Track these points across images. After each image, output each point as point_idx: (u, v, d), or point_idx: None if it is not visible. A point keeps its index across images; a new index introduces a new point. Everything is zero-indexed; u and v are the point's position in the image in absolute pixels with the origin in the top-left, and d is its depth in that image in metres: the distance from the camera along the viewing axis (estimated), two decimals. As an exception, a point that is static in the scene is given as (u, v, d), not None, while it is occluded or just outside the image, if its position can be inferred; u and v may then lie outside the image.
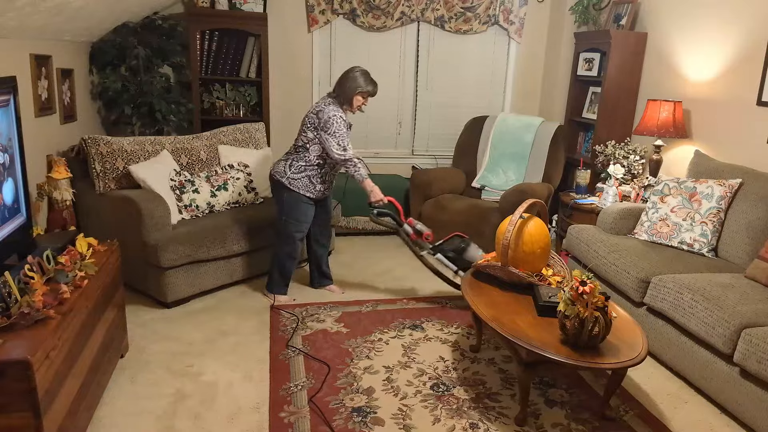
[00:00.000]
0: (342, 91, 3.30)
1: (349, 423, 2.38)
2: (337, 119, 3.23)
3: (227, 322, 3.23)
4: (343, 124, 3.25)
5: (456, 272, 3.36)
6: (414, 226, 3.41)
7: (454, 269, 3.36)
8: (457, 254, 3.34)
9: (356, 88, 3.27)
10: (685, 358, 2.73)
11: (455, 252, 3.34)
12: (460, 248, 3.34)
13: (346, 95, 3.29)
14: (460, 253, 3.33)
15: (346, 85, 3.28)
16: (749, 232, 3.11)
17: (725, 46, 3.68)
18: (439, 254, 3.37)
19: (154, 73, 4.40)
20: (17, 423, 1.71)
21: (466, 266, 3.27)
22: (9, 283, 1.87)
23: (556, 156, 4.56)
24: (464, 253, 3.33)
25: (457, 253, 3.34)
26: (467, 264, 3.26)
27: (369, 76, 3.32)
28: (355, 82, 3.27)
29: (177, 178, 3.63)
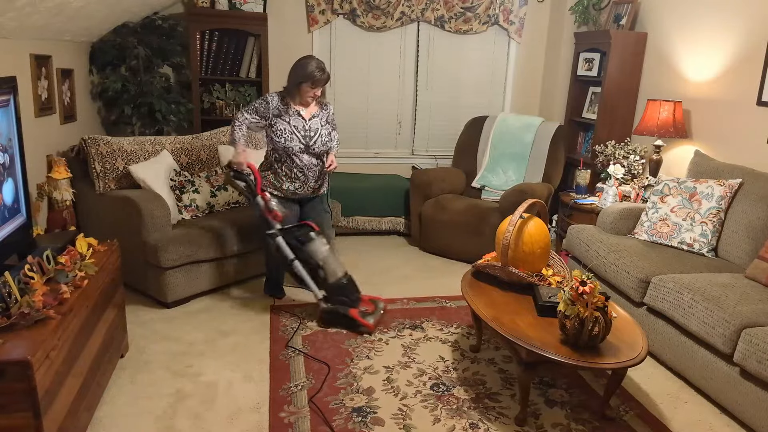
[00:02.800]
0: (288, 82, 3.20)
1: (349, 423, 2.38)
2: (261, 99, 3.22)
3: (227, 322, 3.23)
4: (262, 103, 3.19)
5: (292, 261, 3.15)
6: (268, 201, 3.18)
7: (291, 257, 3.15)
8: (300, 243, 3.17)
9: (299, 78, 3.12)
10: (685, 358, 2.73)
11: (298, 241, 3.17)
12: (305, 238, 3.16)
13: (290, 86, 3.18)
14: (303, 243, 3.16)
15: (291, 74, 3.17)
16: (749, 232, 3.11)
17: (725, 46, 3.68)
18: (280, 238, 3.17)
19: (154, 73, 4.41)
20: (17, 423, 1.71)
21: (305, 258, 3.15)
22: (9, 283, 1.87)
23: (556, 156, 4.56)
24: (307, 244, 3.15)
25: (300, 242, 3.17)
26: (307, 256, 3.15)
27: (319, 64, 3.12)
28: (299, 70, 3.12)
29: (177, 178, 3.63)
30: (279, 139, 3.19)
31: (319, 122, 3.27)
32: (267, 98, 3.21)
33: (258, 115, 3.21)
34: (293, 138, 3.20)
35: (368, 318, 3.17)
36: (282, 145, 3.20)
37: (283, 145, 3.20)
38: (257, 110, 3.20)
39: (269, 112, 3.19)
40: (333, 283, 3.16)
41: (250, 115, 3.20)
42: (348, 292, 3.19)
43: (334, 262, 3.19)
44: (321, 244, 3.18)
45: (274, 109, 3.19)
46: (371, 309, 3.27)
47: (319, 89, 3.18)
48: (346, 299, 3.17)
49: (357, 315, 3.13)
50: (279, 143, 3.20)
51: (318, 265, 3.15)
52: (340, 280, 3.17)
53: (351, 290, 3.21)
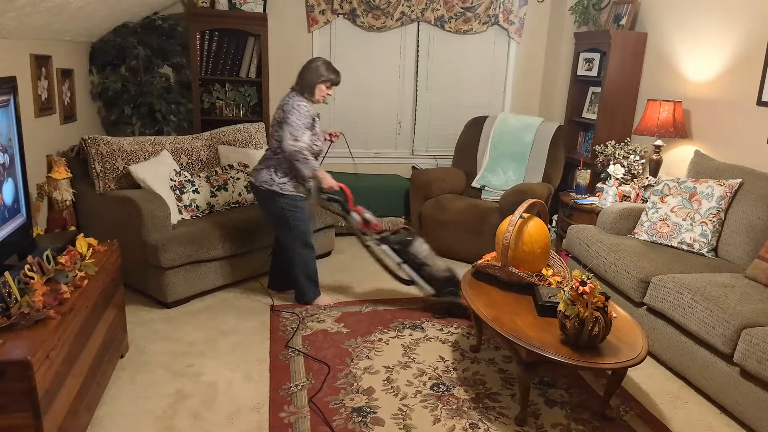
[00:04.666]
0: (304, 82, 3.19)
1: (349, 423, 2.38)
2: (299, 109, 3.11)
3: (227, 322, 3.23)
4: (304, 114, 3.12)
5: (399, 264, 3.34)
6: (362, 214, 3.36)
7: (398, 261, 3.34)
8: (402, 246, 3.32)
9: (319, 78, 3.17)
10: (685, 358, 2.73)
11: (401, 244, 3.33)
12: (405, 241, 3.33)
13: (308, 86, 3.18)
14: (405, 246, 3.32)
15: (308, 75, 3.18)
16: (749, 232, 3.11)
17: (725, 46, 3.68)
18: (384, 245, 3.34)
19: (154, 73, 4.41)
20: (17, 423, 1.71)
21: (410, 259, 3.32)
22: (9, 283, 1.87)
23: (556, 156, 4.56)
24: (409, 246, 3.31)
25: (402, 245, 3.32)
26: (411, 257, 3.31)
27: (331, 65, 3.22)
28: (316, 72, 3.17)
29: (177, 178, 3.63)
30: (317, 143, 3.21)
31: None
32: (303, 109, 3.12)
33: (308, 130, 3.14)
34: (321, 140, 3.27)
35: None
36: (318, 149, 3.23)
37: (318, 149, 3.23)
38: (306, 126, 3.13)
39: (310, 120, 3.17)
40: (439, 277, 3.32)
41: (306, 137, 3.11)
42: (453, 283, 3.30)
43: (436, 258, 3.35)
44: (421, 244, 3.33)
45: (313, 114, 3.19)
46: None
47: (332, 89, 3.25)
48: (453, 289, 3.30)
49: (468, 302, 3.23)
50: (316, 148, 3.21)
51: (423, 263, 3.31)
52: (445, 272, 3.32)
53: (455, 281, 3.29)
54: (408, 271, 3.34)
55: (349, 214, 3.36)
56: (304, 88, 3.19)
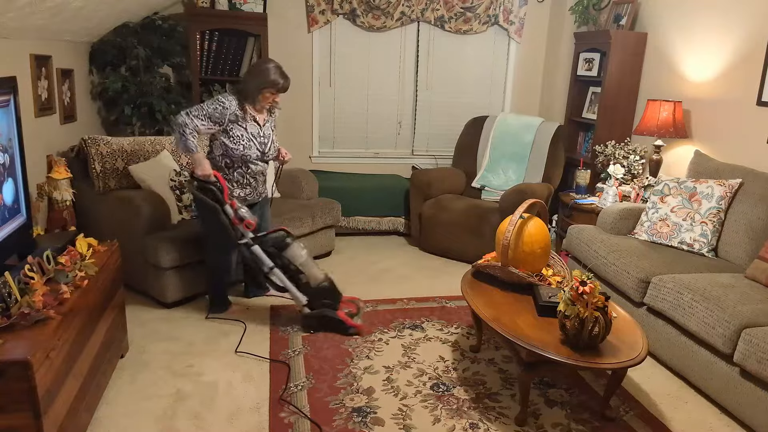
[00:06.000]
0: (246, 87, 2.99)
1: (349, 423, 2.38)
2: (217, 102, 2.94)
3: (227, 321, 3.23)
4: (218, 107, 2.93)
5: (271, 268, 3.06)
6: (237, 209, 3.02)
7: (270, 265, 3.06)
8: (277, 250, 3.07)
9: (262, 83, 2.96)
10: (685, 358, 2.73)
11: (276, 247, 3.07)
12: (281, 244, 3.07)
13: (250, 91, 2.99)
14: (281, 249, 3.07)
15: (252, 80, 2.98)
16: (749, 232, 3.11)
17: (725, 46, 3.68)
18: (257, 246, 3.05)
19: (154, 73, 4.41)
20: (17, 423, 1.71)
21: (284, 264, 3.07)
22: (9, 283, 1.87)
23: (556, 156, 4.56)
24: (285, 250, 3.06)
25: (277, 248, 3.07)
26: (286, 262, 3.07)
27: (280, 69, 3.00)
28: (262, 76, 2.96)
29: (177, 178, 3.63)
30: (236, 146, 3.02)
31: (270, 128, 3.18)
32: (224, 102, 2.96)
33: (211, 121, 2.95)
34: (251, 145, 3.06)
35: (356, 319, 3.16)
36: (240, 153, 3.03)
37: (241, 153, 3.03)
38: (211, 116, 2.93)
39: (225, 118, 2.96)
40: (315, 287, 3.09)
41: (200, 121, 2.92)
42: (330, 294, 3.13)
43: (313, 266, 3.12)
44: (299, 249, 3.09)
45: (231, 114, 2.97)
46: (354, 309, 3.24)
47: (279, 96, 3.06)
48: (330, 302, 3.11)
49: (345, 317, 3.10)
50: (236, 150, 3.02)
51: (298, 270, 3.08)
52: (322, 283, 3.10)
53: (333, 293, 3.14)
54: (280, 277, 3.06)
55: (222, 207, 3.02)
56: (247, 95, 3.00)
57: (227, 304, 3.36)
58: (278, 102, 3.12)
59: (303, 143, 5.13)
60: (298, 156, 5.06)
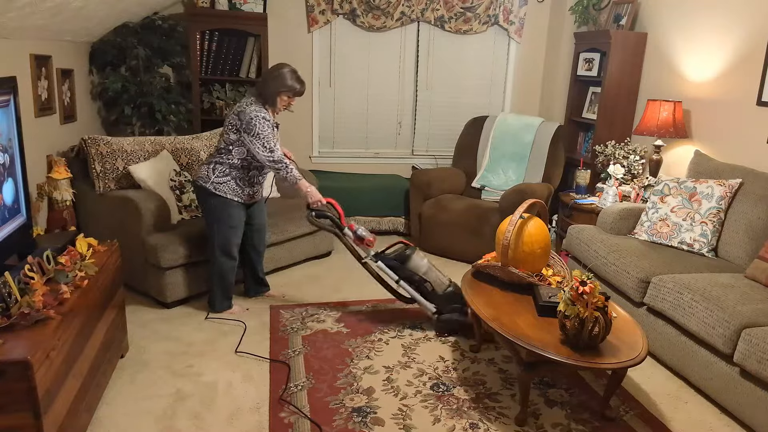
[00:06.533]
0: (265, 91, 3.04)
1: (349, 423, 2.38)
2: (260, 120, 2.96)
3: (227, 322, 3.23)
4: (267, 124, 2.99)
5: (397, 282, 3.16)
6: (355, 231, 3.17)
7: (395, 278, 3.15)
8: (399, 262, 3.15)
9: (280, 88, 3.01)
10: (685, 358, 2.73)
11: (398, 260, 3.16)
12: (402, 256, 3.15)
13: (269, 95, 3.04)
14: (402, 261, 3.14)
15: (270, 84, 3.03)
16: (749, 232, 3.11)
17: (725, 46, 3.68)
18: (381, 262, 3.17)
19: (154, 73, 4.41)
20: (17, 423, 1.71)
21: (408, 276, 3.13)
22: (9, 283, 1.87)
23: (556, 156, 4.56)
24: (407, 261, 3.13)
25: (399, 261, 3.15)
26: (409, 273, 3.13)
27: (297, 74, 3.07)
28: (279, 80, 3.01)
29: (177, 178, 3.63)
30: None
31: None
32: (266, 116, 3.01)
33: (275, 139, 3.06)
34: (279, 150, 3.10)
35: None
36: None
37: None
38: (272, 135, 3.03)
39: (272, 128, 3.05)
40: (442, 293, 3.13)
41: (278, 146, 3.03)
42: (458, 298, 3.13)
43: (436, 272, 3.17)
44: (419, 258, 3.16)
45: (271, 123, 3.05)
46: None
47: (295, 99, 3.11)
48: (457, 305, 3.13)
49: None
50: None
51: (422, 279, 3.13)
52: (447, 288, 3.14)
53: (460, 297, 3.12)
54: (407, 289, 3.16)
55: (341, 231, 3.19)
56: (266, 98, 3.05)
57: (231, 304, 3.36)
58: (293, 105, 3.16)
59: (303, 143, 5.14)
60: (298, 156, 5.06)
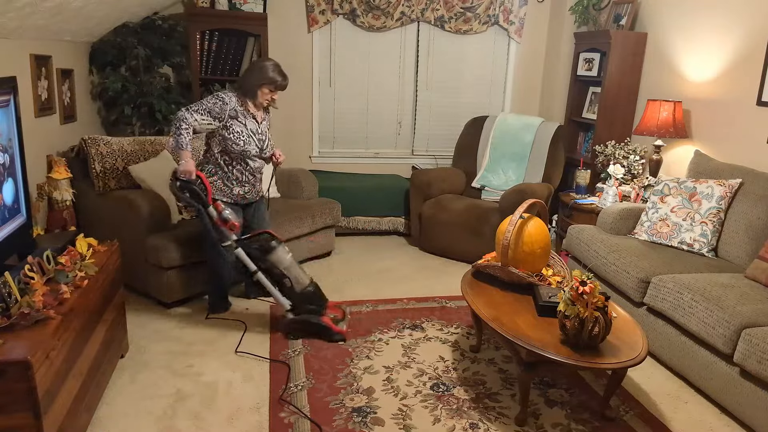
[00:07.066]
0: (246, 83, 3.01)
1: (349, 423, 2.38)
2: (216, 97, 2.95)
3: (227, 322, 3.23)
4: (218, 103, 2.94)
5: (255, 272, 3.01)
6: (221, 211, 2.97)
7: (253, 269, 3.01)
8: (261, 253, 3.01)
9: (261, 80, 2.98)
10: (685, 358, 2.73)
11: (260, 251, 3.01)
12: (266, 247, 3.01)
13: (249, 87, 3.01)
14: (265, 252, 3.01)
15: (251, 76, 3.00)
16: (749, 232, 3.11)
17: (725, 46, 3.68)
18: (240, 249, 3.00)
19: (154, 73, 4.41)
20: (17, 423, 1.71)
21: (267, 267, 3.01)
22: (9, 283, 1.87)
23: (556, 156, 4.56)
24: (269, 253, 3.00)
25: (262, 252, 3.01)
26: (270, 265, 3.01)
27: (279, 68, 3.04)
28: (260, 72, 2.99)
29: (177, 178, 3.63)
30: (237, 141, 3.01)
31: (266, 126, 3.19)
32: (224, 97, 2.98)
33: (211, 116, 2.95)
34: (251, 141, 3.06)
35: (341, 324, 3.10)
36: (240, 149, 3.03)
37: (241, 149, 3.03)
38: (210, 111, 2.94)
39: (225, 113, 2.97)
40: (300, 292, 3.04)
41: (200, 116, 2.93)
42: (316, 299, 3.08)
43: (298, 269, 3.07)
44: (284, 252, 3.04)
45: (231, 110, 2.99)
46: (340, 314, 3.18)
47: (277, 93, 3.08)
48: (314, 307, 3.06)
49: (330, 322, 3.04)
50: (236, 146, 3.02)
51: (283, 274, 3.02)
52: (307, 287, 3.06)
53: (318, 297, 3.10)
54: (263, 281, 3.01)
55: (205, 209, 2.98)
56: (246, 90, 3.02)
57: (227, 304, 3.35)
58: (276, 100, 3.13)
59: (303, 143, 5.14)
60: (298, 156, 5.07)
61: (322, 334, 3.05)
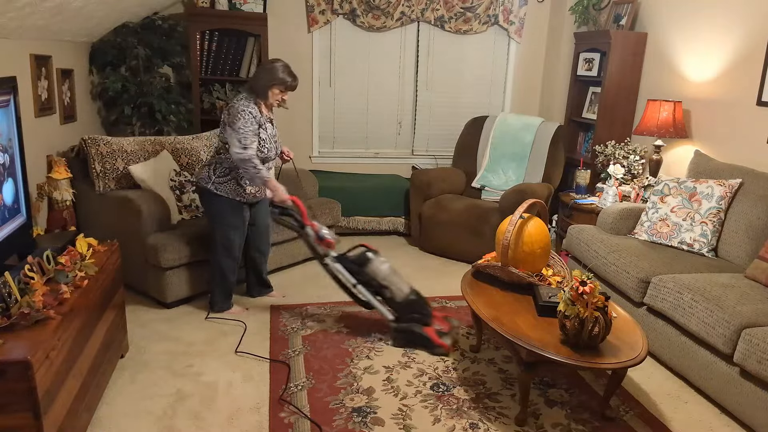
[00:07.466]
0: (257, 84, 3.03)
1: (349, 423, 2.38)
2: (245, 114, 2.93)
3: (227, 322, 3.23)
4: (251, 120, 2.95)
5: (354, 285, 3.06)
6: (318, 231, 3.09)
7: (353, 282, 3.06)
8: (358, 266, 3.06)
9: (272, 81, 3.00)
10: (685, 358, 2.73)
11: (357, 264, 3.07)
12: (362, 260, 3.06)
13: (260, 88, 3.02)
14: (361, 265, 3.05)
15: (262, 77, 3.02)
16: (749, 232, 3.11)
17: (725, 46, 3.68)
18: (339, 264, 3.08)
19: (154, 73, 4.41)
20: (17, 423, 1.71)
21: (366, 280, 3.05)
22: (9, 283, 1.87)
23: (556, 156, 4.56)
24: (366, 265, 3.04)
25: (358, 265, 3.06)
26: (368, 278, 3.04)
27: (289, 68, 3.05)
28: (271, 73, 3.00)
29: (177, 178, 3.63)
30: (262, 150, 3.03)
31: (275, 126, 3.20)
32: (251, 111, 2.97)
33: (255, 136, 2.98)
34: (272, 147, 3.09)
35: (444, 338, 2.99)
36: (264, 156, 3.05)
37: (264, 156, 3.05)
38: (255, 132, 2.97)
39: (256, 125, 3.00)
40: (401, 301, 3.02)
41: (255, 144, 2.97)
42: (419, 307, 3.04)
43: (397, 279, 3.06)
44: (380, 263, 3.04)
45: (259, 119, 3.01)
46: (446, 328, 3.09)
47: (287, 94, 3.09)
48: (417, 315, 3.02)
49: (433, 334, 2.96)
50: (261, 154, 3.03)
51: (381, 285, 3.03)
52: (408, 296, 3.03)
53: (421, 306, 3.05)
54: (363, 293, 3.05)
55: (303, 230, 3.11)
56: (257, 92, 3.03)
57: (230, 304, 3.36)
58: (286, 100, 3.14)
59: (303, 143, 5.14)
60: (298, 156, 5.06)
61: (425, 344, 2.99)
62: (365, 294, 3.07)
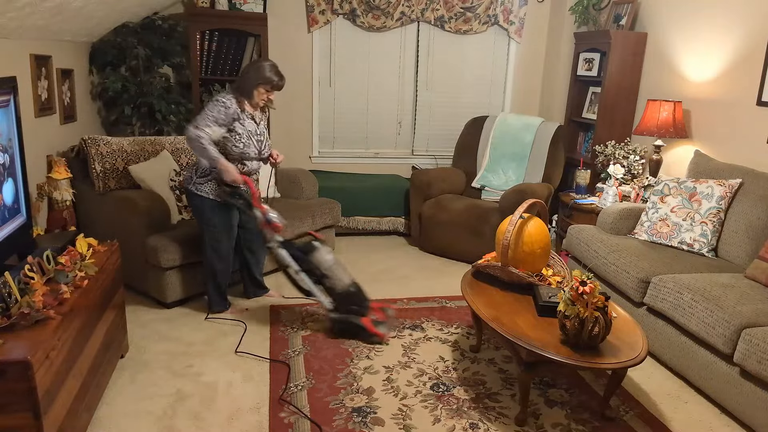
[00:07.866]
0: (243, 83, 3.02)
1: (349, 423, 2.38)
2: (217, 103, 2.95)
3: (227, 322, 3.23)
4: (220, 109, 2.94)
5: (297, 272, 3.06)
6: (266, 214, 3.04)
7: (296, 268, 3.05)
8: (303, 254, 3.07)
9: (258, 80, 3.00)
10: (685, 358, 2.73)
11: (302, 252, 3.08)
12: (309, 249, 3.08)
13: (246, 87, 3.02)
14: (307, 253, 3.07)
15: (248, 76, 3.01)
16: (749, 232, 3.11)
17: (725, 46, 3.68)
18: (284, 250, 3.07)
19: (154, 73, 4.41)
20: (17, 423, 1.71)
21: (310, 268, 3.06)
22: (9, 283, 1.87)
23: (556, 156, 4.56)
24: (311, 254, 3.06)
25: (304, 252, 3.08)
26: (312, 266, 3.05)
27: (276, 68, 3.05)
28: (258, 72, 3.00)
29: (177, 178, 3.63)
30: (237, 144, 3.01)
31: (264, 126, 3.19)
32: (225, 102, 2.97)
33: (218, 125, 2.96)
34: (250, 144, 3.06)
35: (380, 327, 3.07)
36: (239, 151, 3.03)
37: (240, 151, 3.03)
38: (217, 120, 2.94)
39: (229, 118, 2.98)
40: (341, 292, 3.07)
41: (210, 129, 2.93)
42: (357, 299, 3.09)
43: (339, 270, 3.09)
44: (325, 253, 3.08)
45: (234, 113, 2.99)
46: (382, 317, 3.16)
47: (273, 93, 3.09)
48: (355, 307, 3.07)
49: (369, 324, 3.03)
50: (236, 148, 3.01)
51: (323, 274, 3.06)
52: (348, 288, 3.08)
53: (360, 298, 3.10)
54: (305, 280, 3.05)
55: (251, 211, 3.07)
56: (243, 90, 3.03)
57: (227, 304, 3.35)
58: (273, 100, 3.14)
59: (303, 143, 5.14)
60: (298, 156, 5.07)
61: (361, 335, 3.05)
62: (307, 282, 3.06)
